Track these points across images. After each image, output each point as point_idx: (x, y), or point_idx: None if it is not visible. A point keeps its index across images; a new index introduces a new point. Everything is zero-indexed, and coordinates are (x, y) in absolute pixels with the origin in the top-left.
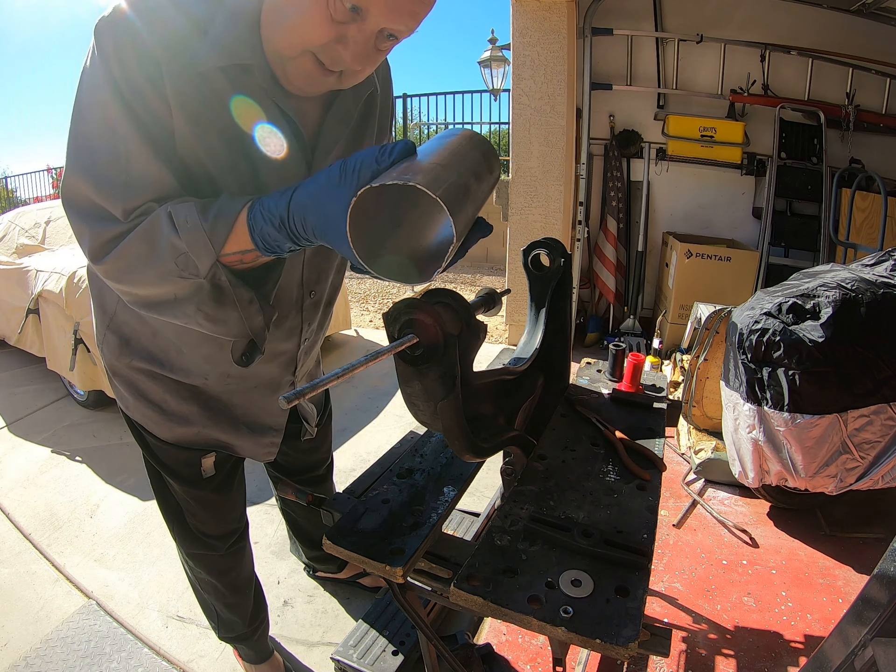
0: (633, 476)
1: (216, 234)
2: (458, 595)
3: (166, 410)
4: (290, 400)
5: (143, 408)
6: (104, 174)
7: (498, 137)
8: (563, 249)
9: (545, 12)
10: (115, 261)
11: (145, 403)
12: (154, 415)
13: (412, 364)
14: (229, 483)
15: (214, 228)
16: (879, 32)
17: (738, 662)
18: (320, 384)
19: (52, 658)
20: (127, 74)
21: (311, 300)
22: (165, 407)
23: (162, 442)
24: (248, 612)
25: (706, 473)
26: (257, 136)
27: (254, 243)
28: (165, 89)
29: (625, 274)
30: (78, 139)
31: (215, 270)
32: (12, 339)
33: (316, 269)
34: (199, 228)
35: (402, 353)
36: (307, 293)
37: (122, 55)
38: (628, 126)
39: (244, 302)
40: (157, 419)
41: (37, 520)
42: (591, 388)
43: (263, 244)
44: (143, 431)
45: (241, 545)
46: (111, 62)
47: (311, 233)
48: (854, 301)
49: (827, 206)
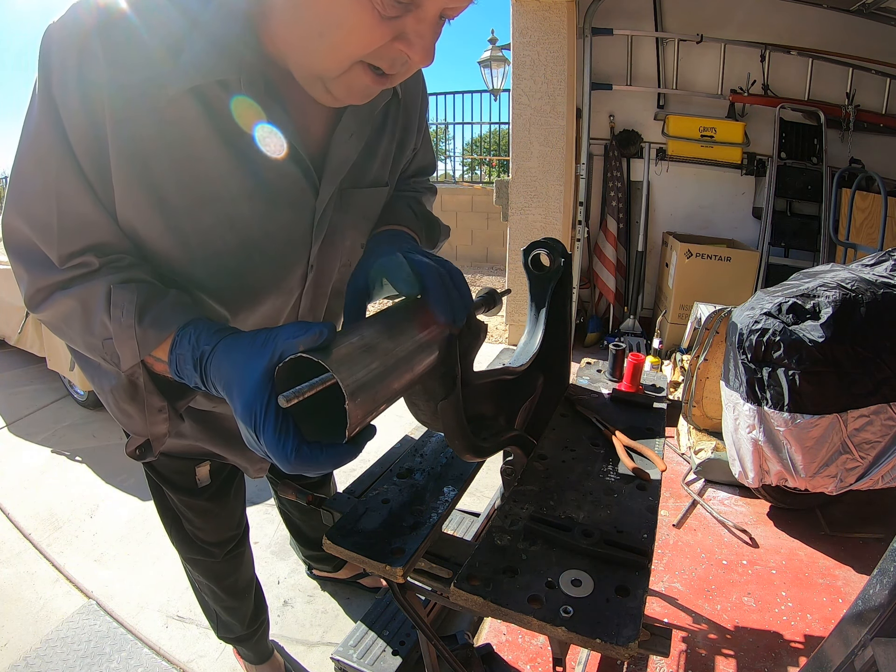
0: (633, 476)
1: (146, 340)
2: (458, 595)
3: None
4: (290, 399)
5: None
6: (36, 214)
7: (498, 137)
8: (564, 249)
9: (545, 12)
10: (51, 313)
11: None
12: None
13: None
14: (225, 491)
15: (146, 335)
16: (879, 32)
17: (738, 662)
18: (318, 384)
19: (52, 658)
20: (66, 100)
21: None
22: None
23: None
24: (246, 616)
25: (706, 473)
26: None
27: (168, 361)
28: (106, 126)
29: (625, 274)
30: (14, 172)
31: (135, 370)
32: (12, 339)
33: (310, 299)
34: (131, 328)
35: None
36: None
37: (65, 76)
38: (628, 126)
39: (153, 409)
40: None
41: (37, 520)
42: (591, 388)
43: (176, 368)
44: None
45: (239, 551)
46: (52, 82)
47: (219, 389)
48: (854, 301)
49: (827, 206)
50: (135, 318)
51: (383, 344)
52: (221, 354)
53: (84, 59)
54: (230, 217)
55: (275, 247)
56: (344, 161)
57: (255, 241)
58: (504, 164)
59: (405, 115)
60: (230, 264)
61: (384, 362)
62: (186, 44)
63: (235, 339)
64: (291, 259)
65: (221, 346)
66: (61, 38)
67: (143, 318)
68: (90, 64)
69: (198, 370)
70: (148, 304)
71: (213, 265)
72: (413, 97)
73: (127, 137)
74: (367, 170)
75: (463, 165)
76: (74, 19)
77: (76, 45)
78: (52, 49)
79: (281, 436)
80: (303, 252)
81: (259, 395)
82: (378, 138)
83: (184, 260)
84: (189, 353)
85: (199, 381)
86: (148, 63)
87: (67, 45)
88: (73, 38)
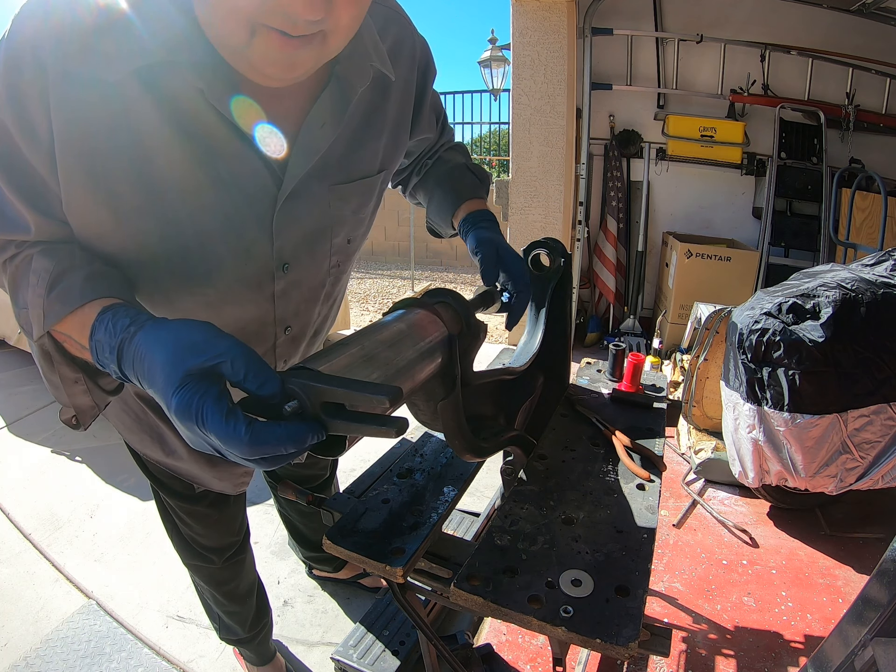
0: (633, 476)
1: (51, 312)
2: (459, 595)
3: (142, 420)
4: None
5: (124, 417)
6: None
7: (498, 137)
8: (564, 249)
9: (545, 12)
10: (6, 277)
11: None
12: (131, 423)
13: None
14: (225, 497)
15: (52, 307)
16: (879, 32)
17: (738, 662)
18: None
19: (52, 658)
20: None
21: (286, 336)
22: (144, 418)
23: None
24: (248, 620)
25: (706, 473)
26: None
27: (90, 348)
28: (48, 116)
29: (625, 274)
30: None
31: (44, 341)
32: (12, 339)
33: (293, 303)
34: (41, 297)
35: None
36: (281, 330)
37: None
38: (628, 126)
39: (68, 380)
40: (132, 427)
41: (37, 520)
42: (591, 388)
43: (96, 356)
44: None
45: (239, 558)
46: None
47: (143, 383)
48: (854, 301)
49: (827, 206)
50: (45, 287)
51: (384, 354)
52: (142, 343)
53: (38, 55)
54: (187, 207)
55: (235, 241)
56: (312, 151)
57: (213, 233)
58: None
59: (400, 97)
60: (191, 259)
61: (385, 372)
62: (133, 28)
63: (157, 325)
64: (253, 253)
65: (142, 334)
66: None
67: (53, 289)
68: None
69: (115, 360)
70: (63, 274)
71: (175, 261)
72: (408, 77)
73: (72, 129)
74: (356, 162)
75: None
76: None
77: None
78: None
79: (230, 419)
80: (265, 246)
81: (193, 386)
82: (367, 128)
83: (142, 257)
84: (106, 340)
85: (119, 372)
86: (91, 48)
87: (16, 38)
88: (23, 30)
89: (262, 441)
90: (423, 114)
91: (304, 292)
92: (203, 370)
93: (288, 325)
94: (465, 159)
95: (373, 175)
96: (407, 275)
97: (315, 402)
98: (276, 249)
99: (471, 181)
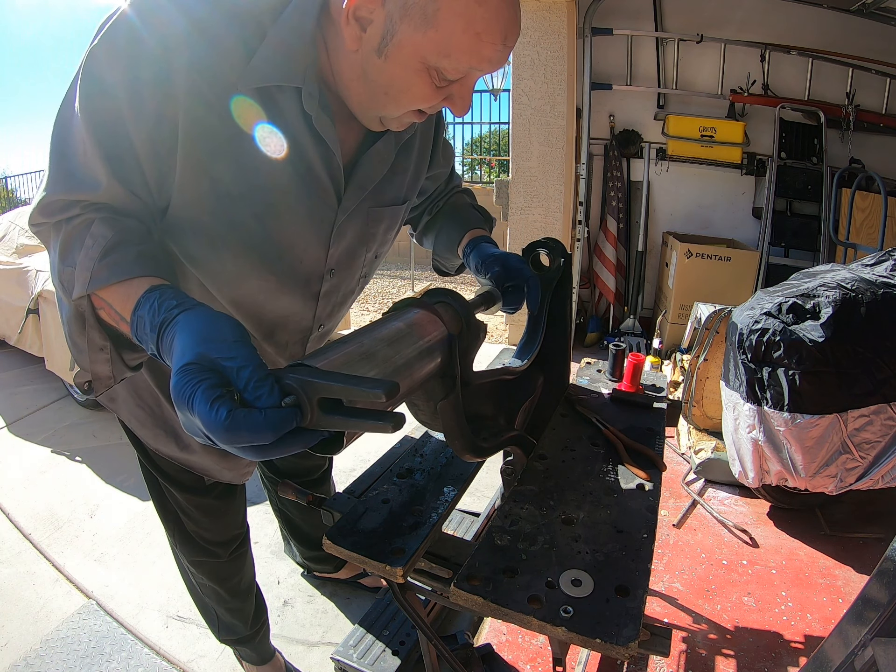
0: (633, 476)
1: (98, 277)
2: (459, 595)
3: (156, 414)
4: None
5: (133, 407)
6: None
7: (498, 137)
8: (564, 249)
9: (545, 12)
10: (47, 228)
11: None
12: (145, 418)
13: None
14: (231, 489)
15: (100, 272)
16: (879, 32)
17: (738, 662)
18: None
19: (52, 658)
20: (137, 83)
21: (318, 332)
22: (157, 411)
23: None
24: (250, 616)
25: (706, 473)
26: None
27: (130, 321)
28: (175, 114)
29: (625, 274)
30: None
31: (82, 302)
32: (12, 339)
33: (330, 304)
34: (92, 260)
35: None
36: (316, 326)
37: (141, 60)
38: (628, 126)
39: (95, 346)
40: (145, 422)
41: (37, 520)
42: (591, 388)
43: (136, 329)
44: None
45: (242, 550)
46: (131, 61)
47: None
48: (854, 301)
49: (827, 206)
50: (100, 252)
51: (382, 351)
52: (180, 323)
53: (168, 48)
54: (274, 202)
55: (302, 240)
56: (369, 181)
57: (287, 231)
58: (504, 164)
59: (423, 138)
60: (267, 248)
61: (383, 370)
62: (259, 50)
63: (199, 312)
64: (310, 254)
65: (183, 316)
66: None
67: (106, 256)
68: (173, 54)
69: (154, 338)
70: (119, 245)
71: (254, 245)
72: (428, 122)
73: (196, 127)
74: (391, 189)
75: (463, 165)
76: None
77: (162, 33)
78: (138, 28)
79: (215, 404)
80: (321, 251)
81: (195, 371)
82: (402, 161)
83: (217, 244)
84: (148, 317)
85: (156, 350)
86: (222, 62)
87: (153, 32)
88: (159, 27)
89: (239, 427)
90: (439, 147)
91: (339, 296)
92: (212, 363)
93: (322, 323)
94: (472, 200)
95: (398, 204)
96: (407, 275)
97: (312, 397)
98: (329, 255)
99: (476, 217)
